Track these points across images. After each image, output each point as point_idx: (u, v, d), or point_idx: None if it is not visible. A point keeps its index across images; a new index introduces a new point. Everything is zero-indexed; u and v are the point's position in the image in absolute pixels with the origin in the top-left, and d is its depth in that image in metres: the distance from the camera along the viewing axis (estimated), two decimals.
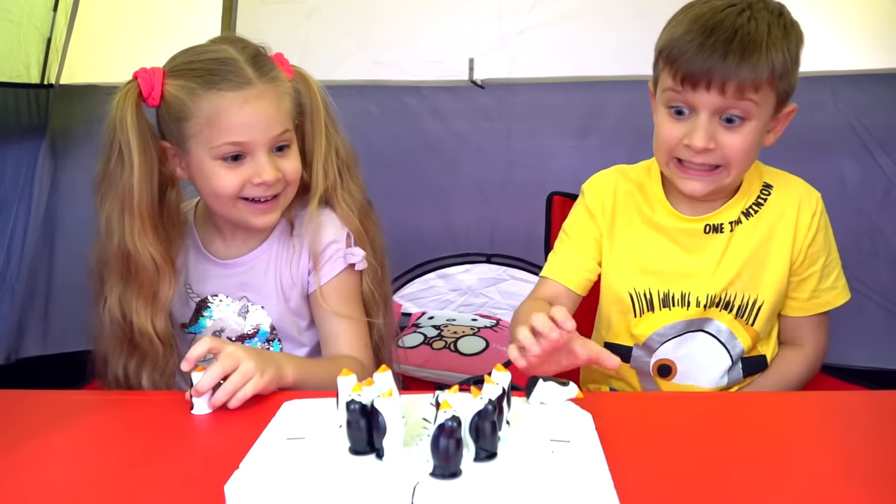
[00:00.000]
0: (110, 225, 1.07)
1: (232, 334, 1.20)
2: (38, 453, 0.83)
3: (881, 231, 2.11)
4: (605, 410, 0.84)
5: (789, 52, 1.06)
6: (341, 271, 1.17)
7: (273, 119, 1.07)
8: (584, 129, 2.22)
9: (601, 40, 2.19)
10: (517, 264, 2.38)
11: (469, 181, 2.34)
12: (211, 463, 0.83)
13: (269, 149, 1.08)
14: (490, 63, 2.26)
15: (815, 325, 1.22)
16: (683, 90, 1.06)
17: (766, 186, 1.19)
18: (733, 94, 1.03)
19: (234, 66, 1.05)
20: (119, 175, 1.05)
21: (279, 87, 1.09)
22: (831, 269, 1.21)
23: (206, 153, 1.07)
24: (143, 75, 1.07)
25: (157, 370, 1.12)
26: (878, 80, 2.09)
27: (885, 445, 0.82)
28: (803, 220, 1.17)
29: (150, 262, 1.08)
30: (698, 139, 1.06)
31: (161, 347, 1.11)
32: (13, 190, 2.20)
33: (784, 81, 1.07)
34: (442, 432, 0.64)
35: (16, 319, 2.22)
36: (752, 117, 1.07)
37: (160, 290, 1.10)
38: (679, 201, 1.20)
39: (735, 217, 1.18)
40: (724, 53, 1.02)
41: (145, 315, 1.10)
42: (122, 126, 1.04)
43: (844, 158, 2.11)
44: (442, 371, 2.07)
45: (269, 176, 1.07)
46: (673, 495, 0.71)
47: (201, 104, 1.04)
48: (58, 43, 2.25)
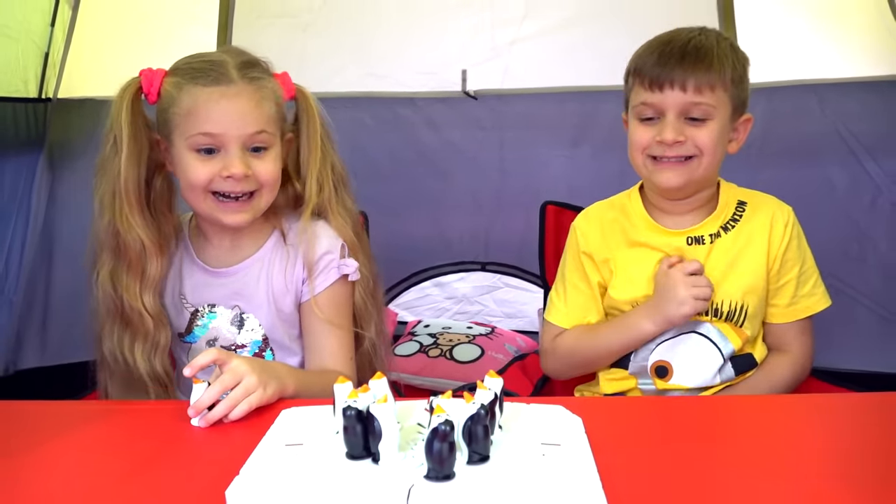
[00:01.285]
0: (102, 205, 1.14)
1: (225, 343, 1.22)
2: (38, 463, 0.84)
3: (869, 236, 2.14)
4: (594, 414, 0.86)
5: (738, 63, 1.22)
6: (335, 282, 1.20)
7: (248, 117, 1.11)
8: (576, 139, 2.25)
9: (592, 51, 2.22)
10: (512, 272, 2.40)
11: (463, 190, 2.36)
12: (211, 470, 0.85)
13: (243, 146, 1.12)
14: (483, 74, 2.30)
15: (799, 331, 1.29)
16: (652, 94, 1.20)
17: (740, 204, 1.30)
18: (693, 91, 1.18)
19: (220, 66, 1.12)
20: (112, 160, 1.12)
21: (260, 91, 1.13)
22: (808, 276, 1.29)
23: (183, 143, 1.12)
24: (146, 73, 1.15)
25: (148, 344, 1.16)
26: (865, 88, 2.12)
27: (873, 447, 0.84)
28: (776, 231, 1.27)
29: (137, 241, 1.14)
30: (669, 133, 1.19)
31: (151, 322, 1.15)
32: (11, 202, 2.22)
33: (738, 89, 1.22)
34: (436, 436, 0.66)
35: (14, 331, 2.23)
36: (712, 117, 1.20)
37: (147, 268, 1.15)
38: (661, 217, 1.30)
39: (714, 230, 1.28)
40: (682, 56, 1.19)
41: (134, 290, 1.15)
42: (118, 115, 1.12)
43: (832, 165, 2.15)
44: (438, 379, 2.09)
45: (237, 169, 1.10)
46: (661, 497, 0.73)
47: (184, 96, 1.11)
48: (55, 57, 2.28)
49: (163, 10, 2.35)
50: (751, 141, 2.09)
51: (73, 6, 2.29)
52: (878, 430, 0.89)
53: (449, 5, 2.34)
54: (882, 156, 2.12)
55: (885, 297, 2.12)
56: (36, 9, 2.19)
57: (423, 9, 2.35)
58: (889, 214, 2.13)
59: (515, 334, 2.38)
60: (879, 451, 0.83)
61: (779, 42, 2.12)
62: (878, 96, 2.12)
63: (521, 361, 1.74)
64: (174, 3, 2.37)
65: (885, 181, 2.12)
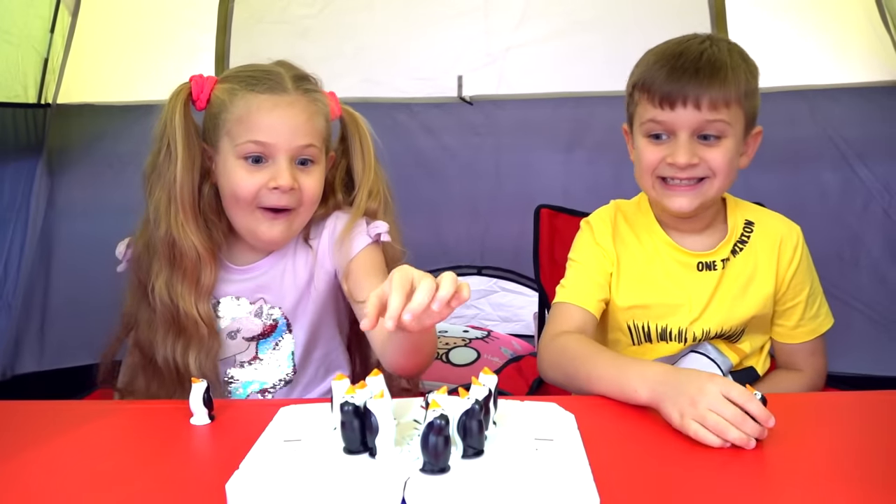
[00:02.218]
0: (158, 213, 1.13)
1: (248, 334, 1.22)
2: (38, 462, 0.85)
3: (862, 241, 2.16)
4: (587, 412, 0.87)
5: (750, 75, 1.15)
6: (368, 245, 1.19)
7: (300, 129, 1.12)
8: (570, 144, 2.27)
9: (587, 57, 2.25)
10: (508, 276, 2.41)
11: (459, 195, 2.38)
12: (211, 467, 0.86)
13: (292, 158, 1.12)
14: (478, 80, 2.32)
15: (810, 352, 1.27)
16: (662, 111, 1.13)
17: (747, 223, 1.25)
18: (708, 109, 1.11)
19: (275, 76, 1.13)
20: (167, 167, 1.12)
21: (313, 104, 1.14)
22: (815, 298, 1.26)
23: (231, 150, 1.12)
24: (197, 79, 1.15)
25: (202, 352, 1.16)
26: (855, 94, 2.15)
27: (871, 445, 0.85)
28: (785, 255, 1.23)
29: (192, 249, 1.13)
30: (681, 156, 1.13)
31: (206, 330, 1.16)
32: (10, 208, 2.22)
33: (750, 101, 1.15)
34: (431, 430, 0.68)
35: (12, 336, 2.24)
36: (727, 135, 1.14)
37: (202, 276, 1.15)
38: (672, 233, 1.25)
39: (725, 255, 1.23)
40: (695, 71, 1.11)
41: (190, 299, 1.15)
42: (171, 122, 1.12)
43: (824, 170, 2.17)
44: (434, 382, 2.09)
45: (285, 181, 1.10)
46: (651, 490, 0.75)
47: (237, 102, 1.11)
48: (55, 63, 2.29)
49: (162, 17, 2.37)
50: None
51: (72, 12, 2.30)
52: (877, 428, 0.90)
53: (445, 12, 2.36)
54: (873, 161, 2.14)
55: (877, 302, 2.14)
56: (36, 15, 2.20)
57: (420, 15, 2.37)
58: (881, 219, 2.15)
59: (511, 338, 2.39)
60: (880, 449, 0.84)
61: (770, 48, 2.12)
62: (868, 102, 2.14)
63: (516, 363, 1.75)
64: (173, 10, 2.39)
65: (877, 186, 2.14)
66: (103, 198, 2.28)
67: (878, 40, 2.12)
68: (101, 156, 2.32)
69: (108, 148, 2.31)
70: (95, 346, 2.13)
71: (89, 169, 2.33)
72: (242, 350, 1.22)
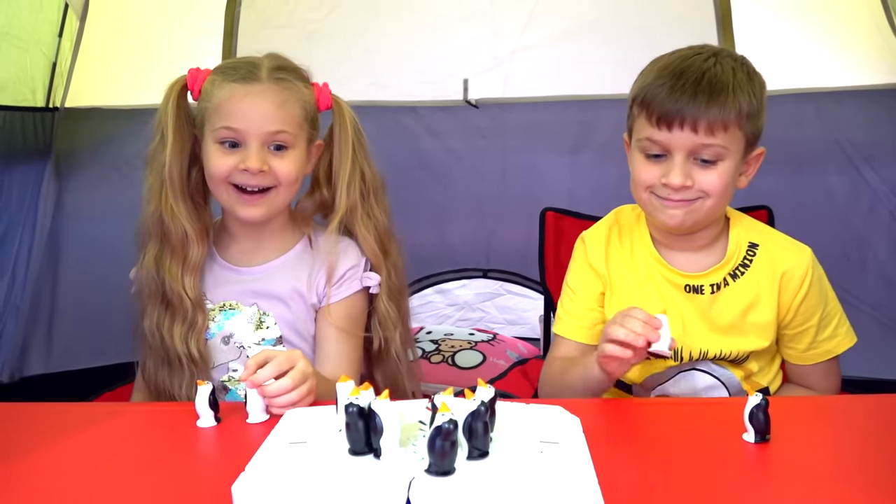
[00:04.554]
0: (150, 194, 1.22)
1: (239, 341, 1.25)
2: (45, 464, 0.86)
3: (868, 243, 2.15)
4: (592, 415, 0.88)
5: (754, 96, 1.12)
6: (354, 293, 1.25)
7: (271, 116, 1.17)
8: (576, 147, 2.27)
9: (592, 59, 2.24)
10: (513, 279, 2.41)
11: (465, 198, 2.38)
12: (217, 469, 0.87)
13: (263, 143, 1.18)
14: (484, 83, 2.32)
15: (823, 373, 1.23)
16: (659, 131, 1.11)
17: (751, 246, 1.22)
18: (704, 132, 1.09)
19: (253, 66, 1.19)
20: (160, 152, 1.20)
21: (285, 92, 1.19)
22: (830, 320, 1.21)
23: (210, 135, 1.19)
24: (193, 71, 1.23)
25: (185, 326, 1.22)
26: (862, 96, 2.14)
27: (877, 449, 0.85)
28: (790, 286, 1.19)
29: (180, 227, 1.20)
30: (675, 177, 1.11)
31: (190, 304, 1.22)
32: (18, 211, 2.23)
33: (751, 123, 1.13)
34: (439, 433, 0.68)
35: (20, 339, 2.24)
36: (723, 158, 1.12)
37: (189, 253, 1.22)
38: (666, 252, 1.24)
39: (719, 280, 1.20)
40: (694, 94, 1.09)
41: (176, 273, 1.21)
42: (165, 110, 1.20)
43: (831, 173, 2.16)
44: (440, 385, 2.10)
45: (252, 164, 1.16)
46: (656, 494, 0.75)
47: (216, 91, 1.18)
48: (63, 67, 2.30)
49: (169, 21, 2.38)
50: None
51: (80, 17, 2.32)
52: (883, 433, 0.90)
53: (451, 15, 2.36)
54: (880, 164, 2.13)
55: (884, 304, 2.13)
56: (44, 19, 2.21)
57: (426, 19, 2.37)
58: (888, 222, 2.14)
59: (517, 341, 2.39)
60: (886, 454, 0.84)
61: (776, 51, 2.13)
62: (875, 104, 2.13)
63: (522, 366, 1.75)
64: (180, 14, 2.40)
65: (883, 189, 2.14)
66: (111, 201, 2.28)
67: (884, 42, 2.11)
68: (108, 159, 2.33)
69: (115, 151, 2.31)
70: (102, 348, 2.15)
71: (97, 172, 2.34)
72: (235, 358, 1.25)
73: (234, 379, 1.26)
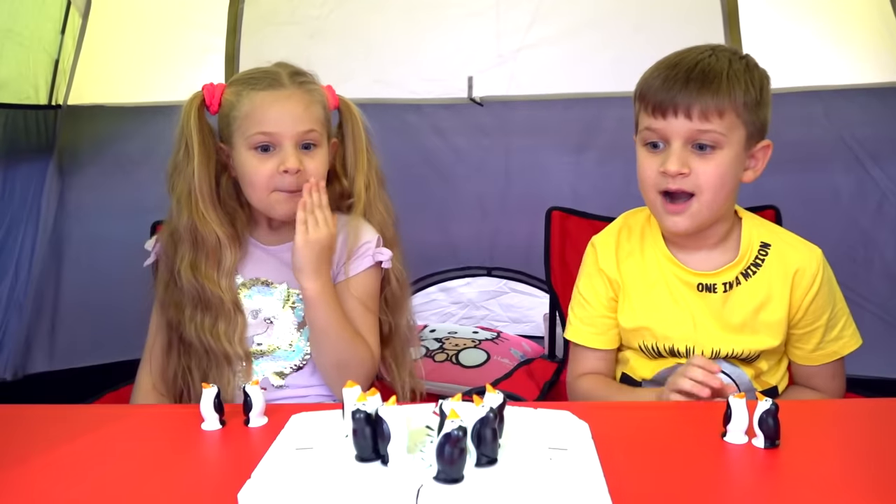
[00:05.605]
0: (180, 204, 1.27)
1: (269, 315, 1.32)
2: (49, 467, 0.85)
3: (875, 242, 2.15)
4: (601, 419, 0.87)
5: (753, 86, 1.13)
6: (369, 268, 1.31)
7: (300, 117, 1.24)
8: (581, 145, 2.26)
9: (598, 57, 2.23)
10: (517, 277, 2.41)
11: (469, 196, 2.38)
12: (223, 474, 0.86)
13: (296, 143, 1.24)
14: (488, 81, 2.32)
15: (830, 374, 1.24)
16: (655, 120, 1.14)
17: (763, 246, 1.22)
18: (699, 118, 1.11)
19: (273, 74, 1.27)
20: (185, 164, 1.26)
21: (309, 94, 1.27)
22: (837, 321, 1.22)
23: (243, 143, 1.25)
24: (208, 87, 1.29)
25: (230, 326, 1.28)
26: (869, 94, 2.13)
27: (887, 453, 0.84)
28: (802, 284, 1.20)
29: (212, 234, 1.27)
30: (672, 164, 1.13)
31: (231, 305, 1.28)
32: (21, 208, 2.23)
33: (752, 114, 1.14)
34: (448, 440, 0.67)
35: (23, 336, 2.25)
36: (721, 146, 1.13)
37: (223, 258, 1.28)
38: (677, 251, 1.25)
39: (731, 279, 1.21)
40: (686, 81, 1.12)
41: (213, 277, 1.28)
42: (188, 125, 1.26)
43: (837, 171, 2.15)
44: (444, 383, 2.10)
45: (291, 164, 1.22)
46: (665, 502, 0.74)
47: (243, 101, 1.25)
48: (65, 65, 2.30)
49: (172, 19, 2.38)
50: None
51: (83, 14, 2.31)
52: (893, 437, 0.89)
53: (455, 13, 2.36)
54: (887, 162, 2.13)
55: (890, 303, 2.13)
56: (47, 17, 2.21)
57: (430, 16, 2.37)
58: (895, 221, 2.13)
59: (521, 339, 2.39)
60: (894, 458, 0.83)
61: (783, 49, 2.12)
62: (882, 103, 2.13)
63: (527, 366, 1.74)
64: (183, 12, 2.40)
65: (891, 187, 2.13)
66: (114, 198, 2.31)
67: (892, 40, 2.10)
68: (111, 156, 2.34)
69: (118, 149, 2.33)
70: (106, 345, 2.15)
71: (100, 169, 2.35)
72: (262, 332, 1.31)
73: (259, 351, 1.31)
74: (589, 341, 1.30)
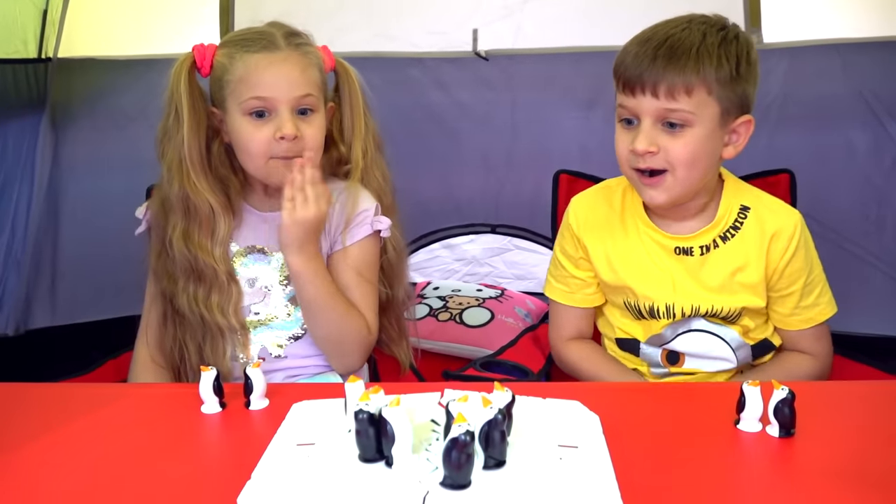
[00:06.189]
0: (171, 172, 1.23)
1: (266, 283, 1.28)
2: (46, 450, 0.84)
3: (889, 199, 2.10)
4: (612, 407, 0.85)
5: (727, 61, 1.10)
6: (367, 236, 1.27)
7: (296, 81, 1.19)
8: (590, 101, 2.19)
9: (608, 9, 2.15)
10: (522, 234, 2.37)
11: (474, 152, 2.32)
12: (222, 461, 0.85)
13: (292, 108, 1.19)
14: (494, 33, 2.23)
15: (815, 337, 1.25)
16: (626, 97, 1.13)
17: (743, 209, 1.22)
18: (665, 96, 1.09)
19: (268, 35, 1.21)
20: (175, 130, 1.21)
21: (305, 57, 1.22)
22: (813, 287, 1.23)
23: (237, 109, 1.19)
24: (198, 48, 1.23)
25: (224, 297, 1.25)
26: (887, 48, 2.05)
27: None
28: (778, 246, 1.20)
29: (205, 203, 1.22)
30: (640, 142, 1.12)
31: (225, 276, 1.25)
32: (15, 165, 2.20)
33: (726, 90, 1.11)
34: (455, 445, 0.65)
35: (23, 292, 2.24)
36: (692, 124, 1.11)
37: (216, 227, 1.24)
38: (655, 217, 1.25)
39: (708, 242, 1.22)
40: (654, 58, 1.10)
41: (206, 247, 1.24)
42: (177, 89, 1.20)
43: (853, 127, 2.09)
44: (448, 343, 2.08)
45: (288, 130, 1.17)
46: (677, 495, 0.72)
47: (236, 64, 1.19)
48: (54, 16, 2.21)
49: None
50: (770, 102, 2.05)
51: None
52: None
53: None
54: None
55: None
56: None
57: None
58: None
59: (525, 296, 2.36)
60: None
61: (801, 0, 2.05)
62: None
63: (532, 332, 1.72)
64: None
65: None
66: (108, 152, 2.28)
67: None
68: (104, 110, 2.28)
69: (111, 102, 2.27)
70: (107, 300, 2.15)
71: (93, 123, 2.30)
72: (259, 300, 1.28)
73: (256, 321, 1.28)
74: (563, 299, 1.34)
